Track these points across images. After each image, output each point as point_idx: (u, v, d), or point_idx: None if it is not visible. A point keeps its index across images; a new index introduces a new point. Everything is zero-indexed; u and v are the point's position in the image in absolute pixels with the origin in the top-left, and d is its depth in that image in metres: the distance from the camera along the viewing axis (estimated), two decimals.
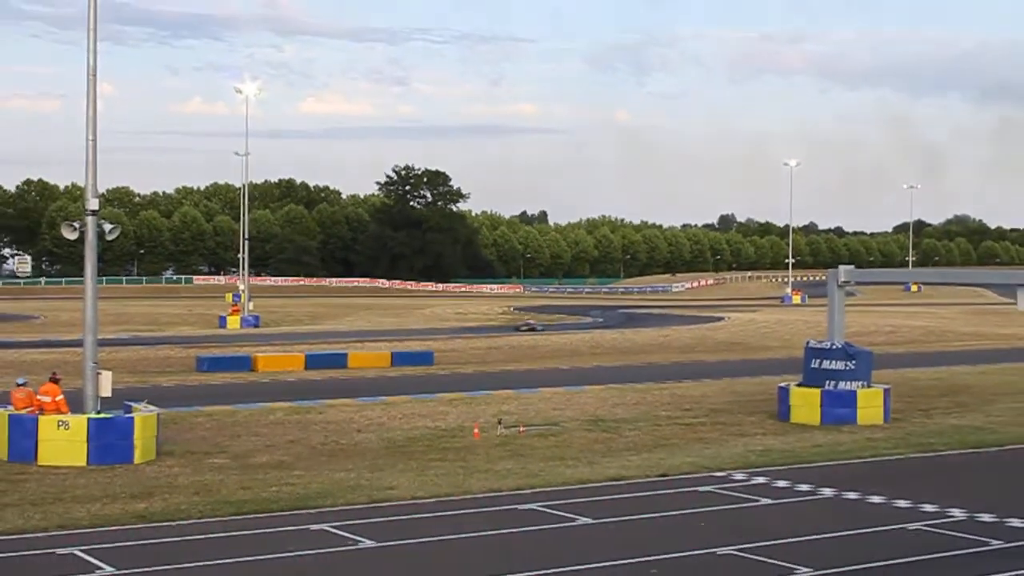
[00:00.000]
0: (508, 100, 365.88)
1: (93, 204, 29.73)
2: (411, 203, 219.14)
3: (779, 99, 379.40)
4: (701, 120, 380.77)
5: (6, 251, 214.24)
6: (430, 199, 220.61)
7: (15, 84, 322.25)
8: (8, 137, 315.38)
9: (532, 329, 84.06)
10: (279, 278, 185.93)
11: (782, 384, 38.52)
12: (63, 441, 28.04)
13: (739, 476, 27.57)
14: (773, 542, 20.79)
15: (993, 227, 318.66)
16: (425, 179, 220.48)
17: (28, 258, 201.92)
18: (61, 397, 29.21)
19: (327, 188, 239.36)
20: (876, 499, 24.90)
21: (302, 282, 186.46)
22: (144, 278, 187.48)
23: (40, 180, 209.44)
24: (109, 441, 28.23)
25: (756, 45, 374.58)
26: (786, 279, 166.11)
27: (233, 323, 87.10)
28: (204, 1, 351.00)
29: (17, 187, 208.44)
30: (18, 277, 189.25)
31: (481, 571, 18.71)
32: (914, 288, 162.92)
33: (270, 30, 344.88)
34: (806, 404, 36.54)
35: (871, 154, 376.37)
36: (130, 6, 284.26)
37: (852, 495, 25.37)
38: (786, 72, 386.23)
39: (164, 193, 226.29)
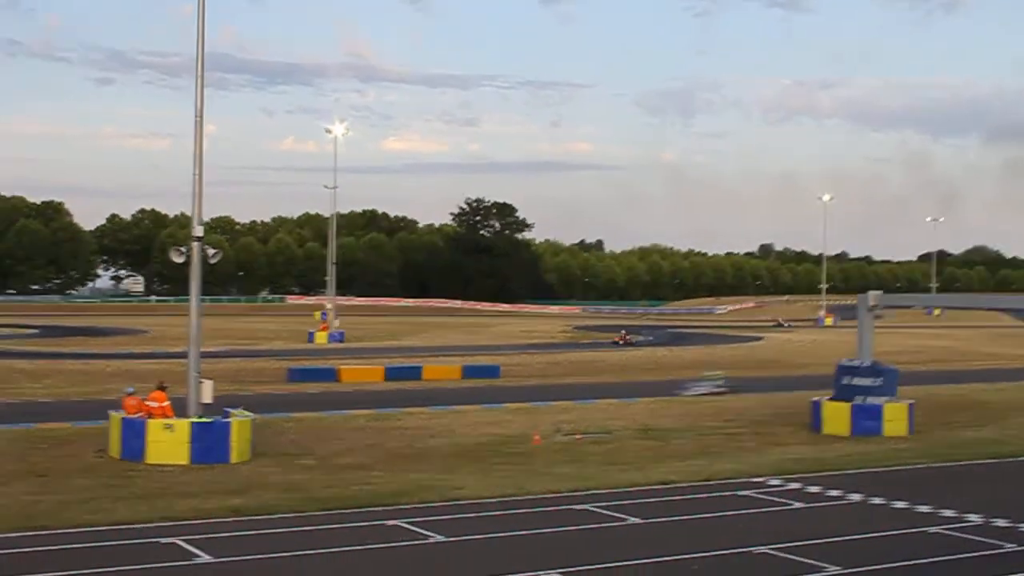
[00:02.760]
0: (567, 139, 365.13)
1: (198, 231, 30.08)
2: (481, 232, 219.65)
3: (812, 139, 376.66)
4: (741, 158, 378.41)
5: (122, 272, 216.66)
6: (498, 228, 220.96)
7: (131, 125, 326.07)
8: (125, 172, 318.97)
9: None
10: (362, 298, 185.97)
11: (815, 398, 38.23)
12: (168, 442, 28.32)
13: (775, 482, 27.39)
14: (805, 542, 20.62)
15: (1009, 256, 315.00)
16: (494, 210, 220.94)
17: (141, 278, 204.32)
18: (167, 403, 29.48)
19: (406, 218, 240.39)
20: (899, 504, 24.66)
21: (383, 302, 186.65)
22: (243, 298, 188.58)
23: (153, 210, 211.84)
24: (209, 443, 28.49)
25: (791, 90, 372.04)
26: (820, 303, 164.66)
27: (321, 338, 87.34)
28: (296, 52, 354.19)
29: (132, 216, 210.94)
30: (132, 295, 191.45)
31: (541, 564, 18.65)
32: (936, 312, 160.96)
33: (354, 77, 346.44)
34: (837, 417, 36.28)
35: (897, 190, 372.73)
36: (231, 56, 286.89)
37: (877, 500, 25.14)
38: (818, 115, 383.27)
39: (261, 222, 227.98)
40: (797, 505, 24.69)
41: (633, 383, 54.76)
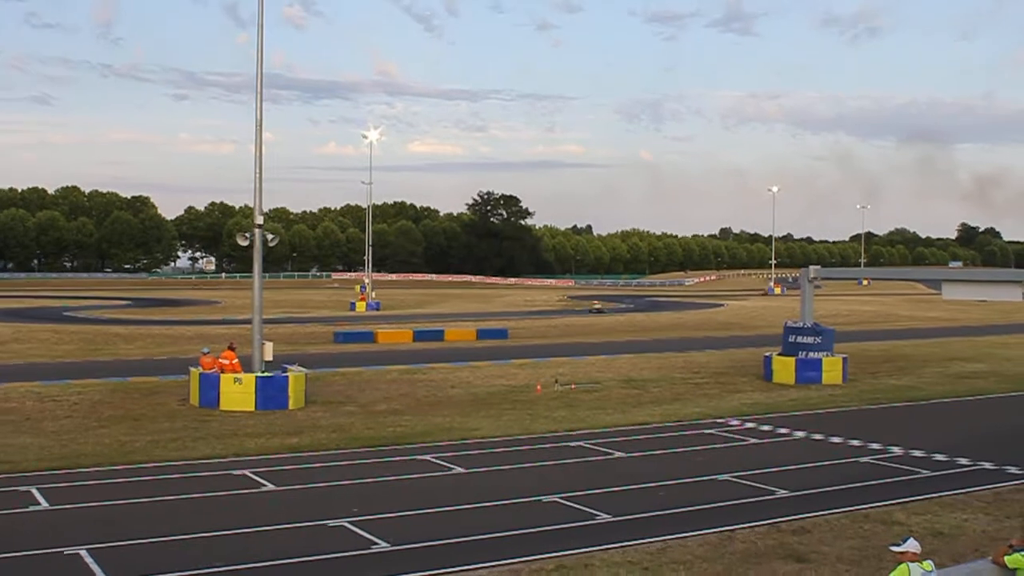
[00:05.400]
0: (560, 142, 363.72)
1: (259, 220, 30.12)
2: (491, 219, 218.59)
3: (761, 141, 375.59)
4: (704, 157, 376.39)
5: (198, 254, 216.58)
6: (505, 216, 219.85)
7: (203, 133, 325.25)
8: (199, 171, 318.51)
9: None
10: (394, 274, 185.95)
11: (767, 353, 38.25)
12: (238, 393, 28.44)
13: (734, 422, 27.45)
14: (759, 471, 20.70)
15: (924, 236, 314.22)
16: (501, 201, 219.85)
17: (213, 259, 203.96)
18: (236, 360, 29.62)
19: (429, 208, 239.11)
20: (836, 439, 24.71)
21: (411, 277, 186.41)
22: (296, 274, 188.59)
23: (222, 202, 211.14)
24: (271, 393, 28.59)
25: (743, 101, 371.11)
26: (769, 276, 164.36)
27: (360, 307, 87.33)
28: (336, 71, 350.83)
29: (205, 208, 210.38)
30: (205, 273, 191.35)
31: (544, 490, 18.73)
32: (865, 282, 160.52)
33: (384, 92, 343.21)
34: (784, 369, 36.32)
35: (831, 182, 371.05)
36: (283, 75, 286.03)
37: (818, 436, 25.20)
38: (766, 121, 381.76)
39: (310, 212, 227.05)
40: (752, 441, 24.75)
41: (617, 342, 54.76)
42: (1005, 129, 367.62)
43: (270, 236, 31.36)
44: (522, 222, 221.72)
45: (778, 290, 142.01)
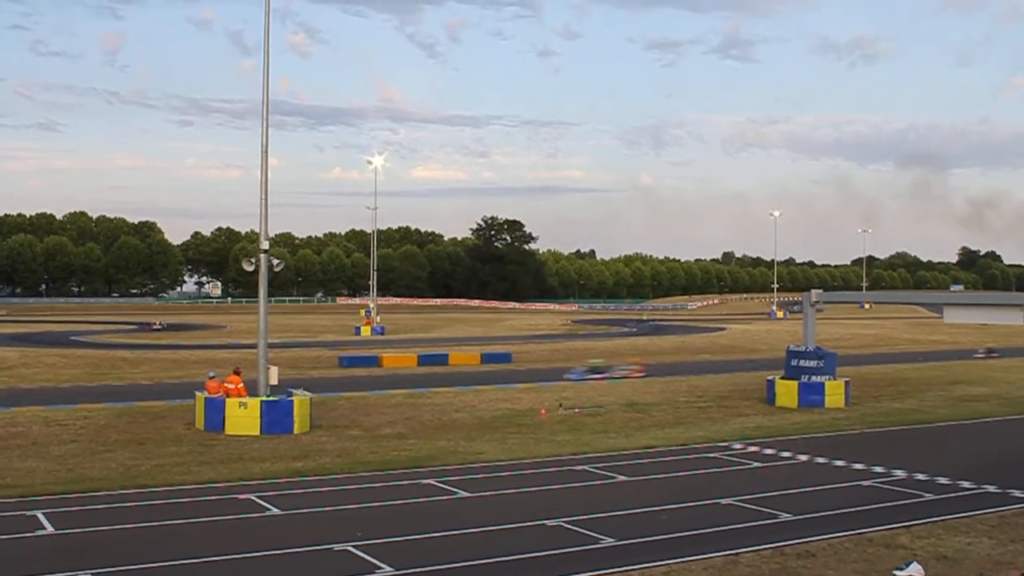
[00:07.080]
0: (563, 168, 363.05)
1: (265, 245, 30.14)
2: (495, 243, 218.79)
3: (761, 166, 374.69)
4: (705, 181, 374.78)
5: (204, 279, 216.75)
6: (509, 241, 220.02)
7: (208, 159, 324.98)
8: (205, 197, 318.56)
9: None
10: (398, 298, 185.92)
11: (769, 377, 38.15)
12: (243, 417, 28.39)
13: (737, 445, 27.36)
14: (763, 494, 20.60)
15: (925, 260, 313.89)
16: (505, 226, 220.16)
17: (219, 284, 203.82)
18: (242, 385, 29.56)
19: (433, 233, 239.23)
20: (839, 463, 24.61)
21: (415, 302, 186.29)
22: (301, 298, 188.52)
23: (228, 227, 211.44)
24: (276, 417, 28.55)
25: (743, 126, 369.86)
26: (772, 300, 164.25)
27: (365, 331, 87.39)
28: (340, 98, 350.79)
29: (211, 233, 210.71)
30: (211, 298, 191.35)
31: (548, 514, 18.63)
32: (867, 306, 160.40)
33: (387, 118, 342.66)
34: (787, 392, 36.22)
35: (831, 206, 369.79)
36: (288, 102, 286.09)
37: (821, 459, 25.10)
38: (766, 146, 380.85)
39: (315, 237, 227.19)
40: (756, 465, 24.65)
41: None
42: (1003, 153, 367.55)
43: (275, 261, 31.39)
44: (526, 247, 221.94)
45: (780, 314, 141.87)
